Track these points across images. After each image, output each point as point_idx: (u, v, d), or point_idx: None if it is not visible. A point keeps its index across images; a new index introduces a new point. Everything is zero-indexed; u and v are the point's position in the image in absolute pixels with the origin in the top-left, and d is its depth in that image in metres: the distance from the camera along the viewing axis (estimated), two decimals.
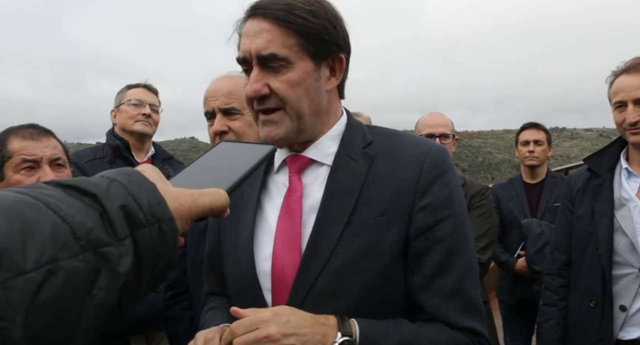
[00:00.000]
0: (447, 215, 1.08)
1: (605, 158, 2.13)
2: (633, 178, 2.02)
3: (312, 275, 1.05)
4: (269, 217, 1.16)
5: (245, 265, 1.14)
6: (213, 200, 0.66)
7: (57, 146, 1.77)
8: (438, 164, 1.11)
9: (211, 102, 1.78)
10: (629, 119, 1.95)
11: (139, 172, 0.61)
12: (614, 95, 2.02)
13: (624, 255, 1.94)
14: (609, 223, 1.98)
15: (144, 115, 2.75)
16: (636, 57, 2.02)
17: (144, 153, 2.84)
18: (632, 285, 1.91)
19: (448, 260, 1.07)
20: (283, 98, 1.08)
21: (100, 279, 0.49)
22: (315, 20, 1.08)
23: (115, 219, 0.52)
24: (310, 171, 1.17)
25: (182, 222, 0.61)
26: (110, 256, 0.50)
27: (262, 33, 1.06)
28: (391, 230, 1.06)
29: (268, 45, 1.06)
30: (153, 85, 2.88)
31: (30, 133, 1.72)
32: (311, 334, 0.94)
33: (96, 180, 0.55)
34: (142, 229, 0.54)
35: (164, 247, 0.56)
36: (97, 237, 0.49)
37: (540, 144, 3.56)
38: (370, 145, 1.15)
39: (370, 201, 1.08)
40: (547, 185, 3.52)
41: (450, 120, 2.89)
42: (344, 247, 1.05)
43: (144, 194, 0.56)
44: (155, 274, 0.56)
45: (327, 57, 1.12)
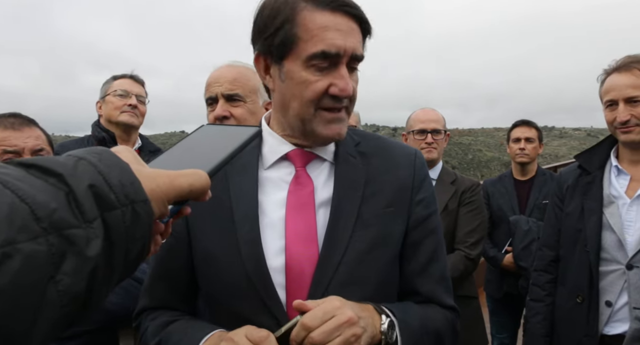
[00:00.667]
0: (434, 210, 1.24)
1: (595, 156, 2.14)
2: (622, 176, 2.03)
3: (333, 265, 1.09)
4: (269, 212, 1.13)
5: (254, 262, 1.08)
6: (192, 181, 0.61)
7: (40, 136, 1.71)
8: (424, 164, 1.25)
9: (214, 88, 1.78)
10: (619, 117, 1.95)
11: (111, 151, 0.57)
12: (605, 93, 2.02)
13: (611, 251, 1.95)
14: (598, 220, 1.99)
15: (130, 106, 2.69)
16: (627, 55, 2.02)
17: (130, 145, 2.78)
18: (618, 282, 1.92)
19: (437, 250, 1.22)
20: (353, 98, 1.12)
21: (65, 264, 0.45)
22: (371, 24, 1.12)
23: (82, 199, 0.48)
24: (313, 166, 1.19)
25: (159, 204, 0.57)
26: (76, 239, 0.46)
27: (353, 33, 1.07)
28: (397, 220, 1.17)
29: (359, 46, 1.08)
30: (139, 76, 2.83)
31: (12, 123, 1.66)
32: (367, 317, 1.00)
33: (62, 159, 0.51)
34: (114, 211, 0.50)
35: (138, 230, 0.53)
36: (62, 218, 0.45)
37: (532, 141, 3.58)
38: (360, 145, 1.23)
39: (374, 195, 1.16)
40: (536, 183, 3.55)
41: (442, 116, 2.88)
42: (358, 237, 1.11)
43: (115, 173, 0.52)
44: (129, 258, 0.53)
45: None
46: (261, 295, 1.07)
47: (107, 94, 2.74)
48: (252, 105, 1.82)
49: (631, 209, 1.95)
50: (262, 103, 1.87)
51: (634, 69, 1.94)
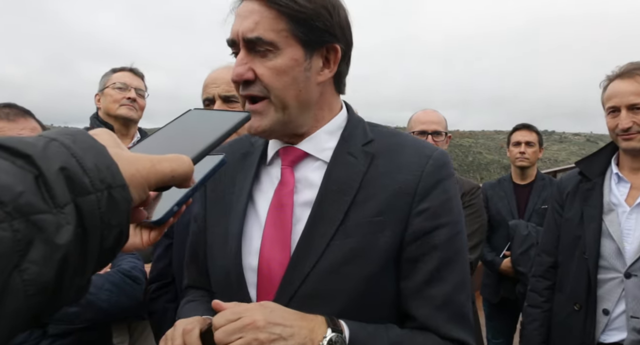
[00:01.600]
0: (444, 222, 1.04)
1: (596, 162, 2.12)
2: (622, 183, 2.02)
3: (300, 276, 1.00)
4: (259, 209, 1.12)
5: (232, 258, 1.09)
6: (175, 167, 0.57)
7: (36, 128, 1.69)
8: (440, 168, 1.06)
9: (212, 89, 1.82)
10: (621, 124, 1.94)
11: (87, 132, 0.53)
12: (608, 100, 2.01)
13: (610, 259, 1.93)
14: (597, 227, 1.98)
15: (129, 99, 2.67)
16: (630, 62, 2.00)
17: (129, 139, 2.76)
18: (616, 290, 1.91)
19: (441, 270, 1.03)
20: (267, 85, 1.02)
21: (32, 251, 0.42)
22: (308, 5, 1.01)
23: (53, 183, 0.45)
24: (303, 165, 1.12)
25: (138, 190, 0.54)
26: (45, 225, 0.43)
27: (252, 15, 1.01)
28: (385, 232, 1.01)
29: (255, 27, 1.00)
30: (139, 69, 2.80)
31: (7, 113, 1.63)
32: (298, 327, 0.90)
33: (32, 140, 0.47)
34: (88, 196, 0.47)
35: (114, 217, 0.49)
36: (29, 202, 0.42)
37: (532, 145, 3.56)
38: (371, 143, 1.10)
39: (366, 201, 1.03)
40: (535, 187, 3.53)
41: (443, 117, 2.86)
42: (335, 247, 1.00)
43: (90, 156, 0.49)
44: (105, 246, 0.49)
45: (321, 46, 1.05)
46: (235, 292, 1.08)
47: (106, 86, 2.71)
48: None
49: (630, 217, 1.93)
50: None
51: (637, 76, 1.93)
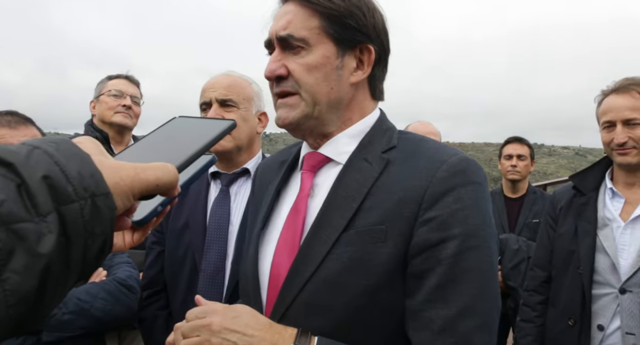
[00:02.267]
0: (454, 234, 0.92)
1: (590, 177, 2.13)
2: (617, 198, 2.02)
3: (299, 283, 0.98)
4: (281, 215, 1.13)
5: (250, 263, 1.11)
6: (160, 175, 0.57)
7: (37, 135, 1.69)
8: (456, 175, 0.96)
9: (209, 93, 1.84)
10: (617, 139, 1.95)
11: (70, 141, 0.53)
12: (603, 114, 2.02)
13: (604, 275, 1.93)
14: (592, 242, 1.98)
15: (124, 106, 2.66)
16: (625, 78, 2.02)
17: (124, 146, 2.74)
18: (610, 305, 1.91)
19: (445, 289, 0.90)
20: (298, 81, 1.03)
21: (13, 261, 0.41)
22: (341, 3, 1.03)
23: (35, 191, 0.44)
24: (324, 170, 1.11)
25: (122, 199, 0.53)
26: (26, 234, 0.43)
27: (286, 15, 1.05)
28: (387, 243, 0.94)
29: (288, 25, 1.03)
30: (135, 77, 2.79)
31: (8, 121, 1.63)
32: (259, 338, 0.88)
33: (14, 148, 0.47)
34: (71, 204, 0.46)
35: (98, 225, 0.49)
36: (10, 211, 0.42)
37: (523, 158, 3.57)
38: (391, 150, 1.05)
39: (372, 209, 0.97)
40: (527, 201, 3.54)
41: (438, 131, 2.88)
42: (335, 255, 0.96)
43: (73, 164, 0.48)
44: (88, 256, 0.49)
45: (354, 46, 1.05)
46: (251, 295, 1.09)
47: (101, 93, 2.70)
48: (245, 112, 1.86)
49: (625, 232, 1.94)
50: (256, 112, 1.91)
51: (633, 91, 1.94)
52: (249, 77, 1.94)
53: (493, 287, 0.95)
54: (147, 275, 1.91)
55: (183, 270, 1.80)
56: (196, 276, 1.77)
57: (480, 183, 0.99)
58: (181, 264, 1.81)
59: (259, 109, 1.93)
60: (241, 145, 1.86)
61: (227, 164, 1.89)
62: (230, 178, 1.88)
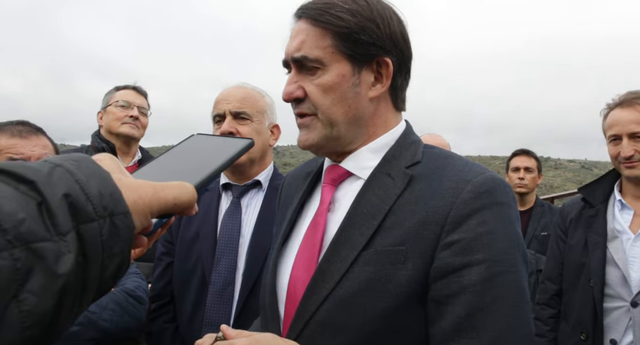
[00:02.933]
0: (478, 259, 0.88)
1: (599, 189, 2.12)
2: (626, 210, 2.01)
3: (316, 302, 0.95)
4: (301, 228, 1.11)
5: (269, 276, 1.10)
6: (177, 194, 0.57)
7: (48, 145, 1.69)
8: (481, 195, 0.91)
9: (223, 105, 1.84)
10: (623, 152, 1.95)
11: (91, 158, 0.52)
12: (609, 128, 2.03)
13: (615, 287, 1.91)
14: (602, 254, 1.96)
15: (131, 117, 2.67)
16: (629, 91, 2.03)
17: (130, 157, 2.75)
18: (623, 319, 1.88)
19: (474, 319, 0.86)
20: (315, 103, 1.02)
21: (31, 281, 0.40)
22: (352, 19, 0.99)
23: (56, 210, 0.44)
24: (345, 184, 1.09)
25: (141, 217, 0.53)
26: (46, 253, 0.42)
27: (299, 34, 1.03)
28: (406, 265, 0.90)
29: (301, 46, 1.02)
30: (142, 88, 2.81)
31: (20, 130, 1.64)
32: None
33: (36, 165, 0.46)
34: (90, 223, 0.46)
35: (116, 245, 0.48)
36: (30, 230, 0.41)
37: (531, 171, 3.55)
38: (416, 165, 1.01)
39: (393, 227, 0.94)
40: (535, 214, 3.51)
41: (447, 142, 2.88)
42: (353, 274, 0.93)
43: (94, 182, 0.48)
44: (105, 275, 0.48)
45: (370, 60, 1.02)
46: (269, 309, 1.08)
47: (109, 104, 2.71)
48: (259, 124, 1.86)
49: (635, 244, 1.92)
50: (268, 125, 1.91)
51: (637, 105, 1.95)
52: (262, 90, 1.94)
53: (525, 314, 0.90)
54: (155, 287, 1.90)
55: (192, 283, 1.79)
56: (205, 289, 1.75)
57: (507, 203, 0.94)
58: (190, 276, 1.80)
59: (271, 122, 1.93)
60: (254, 158, 1.85)
61: (239, 175, 1.89)
62: (242, 190, 1.87)
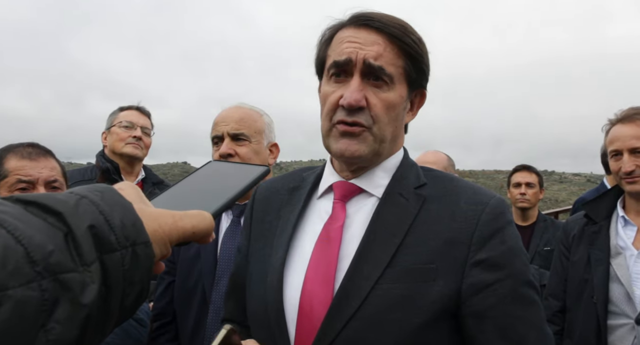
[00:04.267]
0: (507, 274, 0.98)
1: (602, 205, 2.12)
2: (629, 226, 2.00)
3: (343, 319, 0.95)
4: (304, 243, 1.09)
5: (272, 291, 1.05)
6: (196, 223, 0.58)
7: (55, 167, 1.72)
8: (497, 217, 1.02)
9: (221, 127, 1.84)
10: (624, 168, 1.95)
11: (114, 189, 0.54)
12: (610, 144, 2.03)
13: (619, 304, 1.89)
14: (605, 271, 1.95)
15: (134, 137, 2.71)
16: (631, 107, 2.04)
17: (134, 176, 2.78)
18: (627, 337, 1.86)
19: (515, 327, 0.97)
20: (375, 116, 1.03)
21: (58, 311, 0.42)
22: (423, 48, 1.07)
23: (81, 241, 0.45)
24: (356, 200, 1.10)
25: (160, 246, 0.55)
26: (72, 284, 0.43)
27: (375, 45, 1.02)
28: (437, 281, 0.96)
29: (379, 57, 1.02)
30: (146, 108, 2.85)
31: (29, 152, 1.67)
32: None
33: (63, 197, 0.48)
34: (113, 253, 0.47)
35: (137, 274, 0.50)
36: (58, 261, 0.43)
37: (532, 186, 3.55)
38: (423, 187, 1.08)
39: (416, 245, 0.99)
40: (537, 229, 3.49)
41: (445, 156, 2.87)
42: (381, 291, 0.96)
43: (117, 213, 0.49)
44: (125, 304, 0.49)
45: (418, 88, 1.10)
46: (272, 327, 1.03)
47: (112, 125, 2.75)
48: (257, 145, 1.86)
49: (639, 260, 1.91)
50: (267, 144, 1.92)
51: (637, 120, 1.96)
52: (260, 109, 1.95)
53: (544, 315, 1.05)
54: (157, 306, 1.90)
55: (193, 302, 1.79)
56: (205, 308, 1.75)
57: (513, 221, 1.06)
58: (191, 295, 1.80)
59: (270, 141, 1.93)
60: None
61: None
62: (242, 209, 1.88)
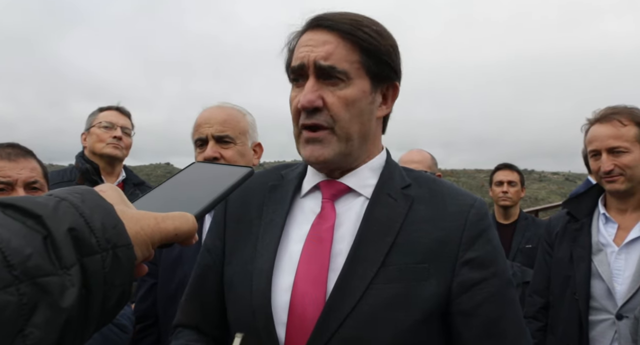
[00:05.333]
0: (493, 272, 1.02)
1: (583, 203, 2.15)
2: (610, 224, 2.04)
3: (338, 319, 0.95)
4: (292, 244, 1.07)
5: (260, 294, 1.02)
6: (178, 225, 0.58)
7: (36, 168, 1.68)
8: (483, 218, 1.06)
9: (205, 129, 1.79)
10: (603, 167, 1.98)
11: (95, 191, 0.53)
12: (589, 143, 2.07)
13: (600, 300, 1.93)
14: (587, 268, 1.98)
15: (115, 138, 2.66)
16: (608, 107, 2.07)
17: (114, 177, 2.73)
18: (608, 332, 1.89)
19: (498, 324, 1.00)
20: (335, 115, 1.01)
21: (36, 315, 0.41)
22: (380, 40, 1.04)
23: (61, 244, 0.44)
24: (345, 199, 1.09)
25: (142, 249, 0.54)
26: (51, 288, 0.42)
27: (325, 44, 1.02)
28: (430, 281, 0.98)
29: (329, 56, 1.01)
30: (125, 108, 2.80)
31: (8, 153, 1.64)
32: None
33: (42, 199, 0.47)
34: (93, 256, 0.46)
35: (118, 277, 0.49)
36: (37, 265, 0.42)
37: (514, 184, 3.61)
38: (409, 187, 1.09)
39: (408, 245, 1.00)
40: (519, 227, 3.56)
41: (429, 155, 2.89)
42: (376, 290, 0.96)
43: (97, 215, 0.49)
44: (106, 307, 0.49)
45: (384, 81, 1.07)
46: (260, 331, 1.01)
47: (92, 125, 2.70)
48: (242, 146, 1.83)
49: (620, 257, 1.94)
50: (251, 144, 1.89)
51: (614, 121, 1.99)
52: (242, 108, 1.92)
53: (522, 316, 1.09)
54: (139, 308, 1.87)
55: (176, 304, 1.76)
56: None
57: (492, 224, 1.10)
58: (174, 297, 1.77)
59: (254, 141, 1.90)
60: None
61: None
62: None
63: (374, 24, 1.05)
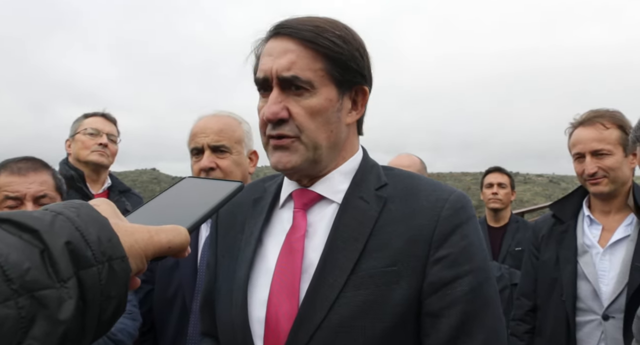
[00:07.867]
0: (466, 270, 0.96)
1: (568, 205, 2.18)
2: (595, 225, 2.07)
3: (309, 330, 0.94)
4: (269, 256, 1.06)
5: (238, 308, 1.02)
6: (171, 238, 0.60)
7: (46, 181, 1.68)
8: (458, 212, 0.99)
9: (200, 138, 1.78)
10: (587, 170, 2.01)
11: (90, 205, 0.55)
12: (572, 146, 2.10)
13: (587, 301, 1.95)
14: (573, 269, 2.00)
15: (100, 145, 2.62)
16: (591, 110, 2.10)
17: (100, 184, 2.69)
18: (595, 332, 1.91)
19: (467, 325, 0.94)
20: (300, 125, 0.99)
21: (35, 328, 0.42)
22: (344, 46, 1.01)
23: (58, 257, 0.46)
24: (317, 208, 1.07)
25: (137, 261, 0.56)
26: (48, 301, 0.44)
27: (287, 53, 0.99)
28: (401, 283, 0.94)
29: (291, 66, 0.98)
30: (111, 114, 2.76)
31: (19, 167, 1.64)
32: None
33: (39, 214, 0.49)
34: (90, 269, 0.48)
35: (113, 289, 0.50)
36: (34, 278, 0.43)
37: (504, 187, 3.66)
38: (384, 187, 1.05)
39: (379, 249, 0.97)
40: (509, 230, 3.59)
41: (418, 160, 2.90)
42: (345, 299, 0.94)
43: (93, 229, 0.50)
44: (102, 319, 0.50)
45: (351, 87, 1.05)
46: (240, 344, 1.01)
47: (77, 132, 2.65)
48: (238, 156, 1.82)
49: (604, 258, 1.97)
50: (247, 153, 1.89)
51: (597, 124, 2.02)
52: (238, 116, 1.90)
53: (502, 317, 1.02)
54: None
55: (173, 311, 1.75)
56: (186, 317, 1.71)
57: (475, 215, 1.04)
58: (171, 304, 1.76)
59: (250, 149, 1.90)
60: None
61: None
62: None
63: (338, 29, 1.02)
